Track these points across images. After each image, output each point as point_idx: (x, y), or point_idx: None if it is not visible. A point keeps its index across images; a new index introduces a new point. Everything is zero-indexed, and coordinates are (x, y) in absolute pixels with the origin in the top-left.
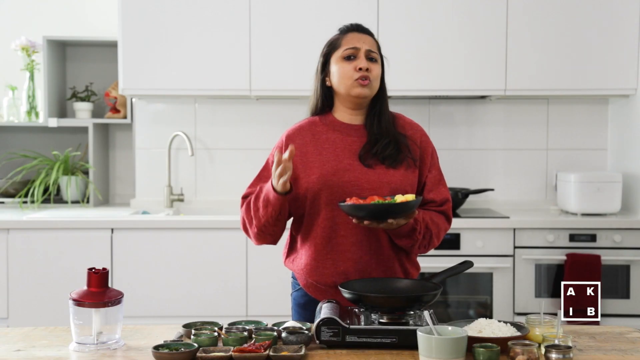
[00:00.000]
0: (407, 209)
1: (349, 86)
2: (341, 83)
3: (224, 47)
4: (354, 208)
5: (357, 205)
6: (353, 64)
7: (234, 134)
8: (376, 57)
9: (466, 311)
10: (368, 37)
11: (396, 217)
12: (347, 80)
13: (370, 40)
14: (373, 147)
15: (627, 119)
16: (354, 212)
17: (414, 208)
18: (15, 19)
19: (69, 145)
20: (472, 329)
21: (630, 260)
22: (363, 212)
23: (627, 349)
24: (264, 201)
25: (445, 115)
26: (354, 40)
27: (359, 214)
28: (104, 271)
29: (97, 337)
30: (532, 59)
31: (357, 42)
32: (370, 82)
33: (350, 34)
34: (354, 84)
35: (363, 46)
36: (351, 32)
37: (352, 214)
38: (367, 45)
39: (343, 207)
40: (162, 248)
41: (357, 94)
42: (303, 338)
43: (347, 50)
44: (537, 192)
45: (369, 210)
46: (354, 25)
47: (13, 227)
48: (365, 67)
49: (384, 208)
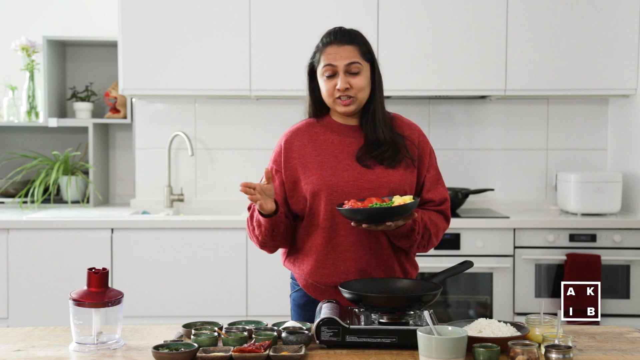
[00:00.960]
0: (404, 211)
1: (332, 104)
2: (326, 99)
3: (224, 47)
4: (352, 212)
5: (354, 210)
6: (333, 82)
7: (234, 134)
8: (358, 68)
9: (466, 311)
10: (347, 48)
11: (394, 220)
12: (329, 98)
13: (350, 50)
14: (371, 148)
15: (627, 119)
16: (351, 216)
17: (411, 210)
18: (15, 19)
19: (69, 145)
20: (472, 329)
21: (630, 260)
22: (360, 215)
23: (627, 349)
24: (257, 222)
25: (445, 115)
26: (331, 56)
27: (356, 217)
28: (104, 271)
29: (97, 337)
30: (532, 59)
31: (334, 59)
32: (354, 98)
33: (328, 49)
34: (337, 102)
35: (340, 63)
36: (330, 45)
37: (349, 218)
38: (345, 59)
39: (341, 211)
40: (162, 248)
41: (341, 112)
42: (303, 338)
43: (326, 68)
44: (537, 192)
45: (366, 214)
46: (333, 36)
47: (13, 227)
48: (343, 87)
49: (381, 212)
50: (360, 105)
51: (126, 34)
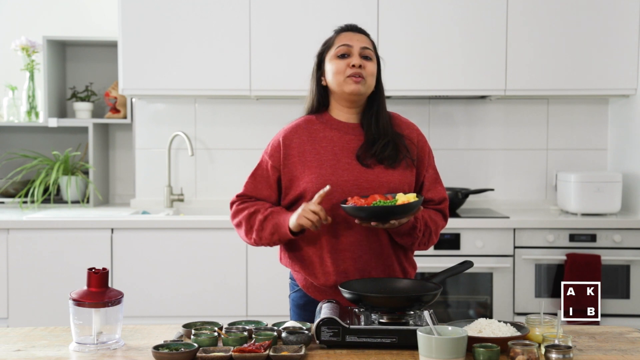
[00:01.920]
0: (410, 210)
1: (342, 83)
2: (334, 80)
3: (224, 47)
4: (357, 210)
5: (360, 207)
6: (346, 61)
7: (234, 134)
8: (371, 55)
9: (466, 311)
10: (362, 36)
11: (398, 219)
12: (340, 76)
13: (365, 38)
14: (371, 147)
15: (627, 119)
16: (356, 213)
17: (415, 208)
18: (15, 19)
19: (69, 145)
20: (472, 329)
21: (630, 260)
22: (365, 213)
23: (627, 349)
24: (272, 229)
25: (445, 115)
26: (347, 38)
27: (361, 215)
28: (104, 271)
29: (97, 337)
30: (532, 59)
31: (350, 40)
32: (364, 79)
33: (344, 33)
34: (347, 81)
35: (356, 44)
36: (345, 31)
37: (354, 216)
38: (361, 43)
39: (345, 208)
40: (162, 248)
41: (350, 91)
42: (303, 338)
43: (340, 48)
44: (537, 192)
45: (371, 212)
46: (349, 26)
47: (13, 227)
48: (358, 63)
49: (387, 210)
50: (367, 90)
51: (126, 34)
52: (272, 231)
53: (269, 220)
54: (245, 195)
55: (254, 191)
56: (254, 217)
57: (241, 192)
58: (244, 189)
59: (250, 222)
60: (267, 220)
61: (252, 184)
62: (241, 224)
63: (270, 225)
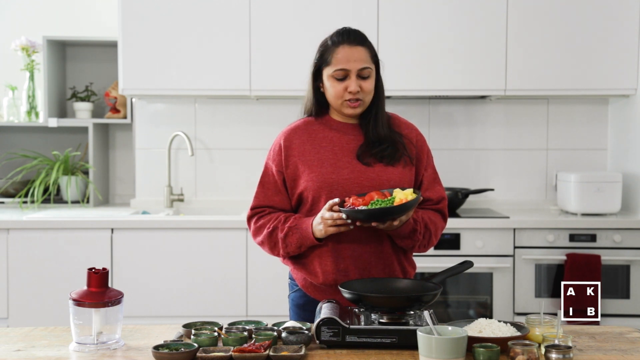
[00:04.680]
0: (406, 209)
1: (339, 105)
2: (333, 101)
3: (224, 47)
4: (354, 212)
5: (356, 210)
6: (344, 84)
7: (234, 134)
8: (369, 73)
9: (466, 311)
10: (360, 51)
11: (396, 218)
12: (337, 99)
13: (362, 53)
14: (371, 147)
15: (627, 119)
16: (354, 215)
17: (413, 207)
18: (15, 19)
19: (69, 145)
20: (472, 329)
21: (630, 260)
22: (362, 215)
23: (627, 349)
24: (298, 242)
25: (445, 116)
26: (345, 59)
27: (359, 217)
28: (104, 271)
29: (97, 337)
30: (532, 59)
31: (348, 63)
32: (361, 101)
33: (341, 49)
34: (345, 104)
35: (354, 66)
36: (342, 44)
37: (352, 218)
38: (358, 62)
39: (343, 211)
40: (162, 248)
41: (348, 114)
42: (303, 338)
43: (338, 72)
44: (537, 192)
45: (368, 213)
46: (346, 35)
47: (13, 227)
48: (355, 90)
49: (383, 212)
50: (365, 107)
51: (126, 34)
52: (298, 245)
53: (291, 236)
54: (258, 207)
55: (265, 200)
56: (275, 234)
57: (254, 204)
58: (255, 200)
59: (272, 239)
60: (289, 237)
61: (262, 193)
62: (264, 243)
63: (294, 240)
